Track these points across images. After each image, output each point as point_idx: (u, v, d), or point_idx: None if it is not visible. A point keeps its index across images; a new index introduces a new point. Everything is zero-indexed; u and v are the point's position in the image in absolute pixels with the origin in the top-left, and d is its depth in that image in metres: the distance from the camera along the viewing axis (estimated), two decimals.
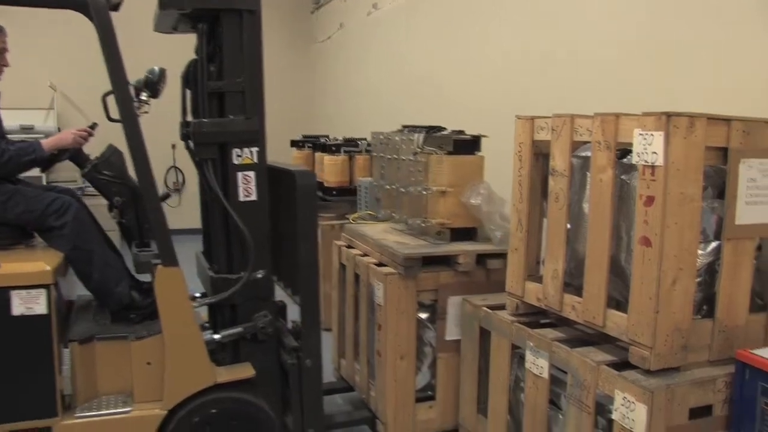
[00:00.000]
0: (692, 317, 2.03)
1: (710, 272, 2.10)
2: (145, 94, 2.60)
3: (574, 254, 2.37)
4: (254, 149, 2.65)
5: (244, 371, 2.67)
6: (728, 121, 1.99)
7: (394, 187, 3.57)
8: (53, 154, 2.82)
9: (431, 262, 3.06)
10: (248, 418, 2.64)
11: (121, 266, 2.87)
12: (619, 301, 2.19)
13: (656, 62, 2.94)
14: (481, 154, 3.28)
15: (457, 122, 3.54)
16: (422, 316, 3.14)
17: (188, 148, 2.76)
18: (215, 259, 2.77)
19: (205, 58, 2.63)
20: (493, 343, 2.70)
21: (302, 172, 2.71)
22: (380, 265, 3.16)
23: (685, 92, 2.79)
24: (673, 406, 1.92)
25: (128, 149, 2.53)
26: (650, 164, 1.92)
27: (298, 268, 2.70)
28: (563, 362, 2.26)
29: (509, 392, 2.64)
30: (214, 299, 2.68)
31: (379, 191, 3.85)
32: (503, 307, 2.72)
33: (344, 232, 3.80)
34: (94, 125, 2.92)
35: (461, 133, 3.33)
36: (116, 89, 2.48)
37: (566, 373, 2.25)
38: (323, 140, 5.67)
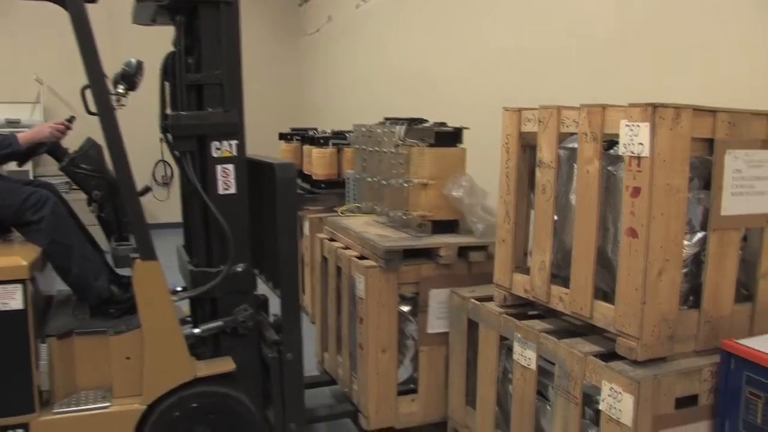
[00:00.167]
0: (678, 308, 2.06)
1: (696, 263, 2.14)
2: (122, 86, 2.58)
3: (561, 246, 2.39)
4: (233, 142, 2.66)
5: (224, 365, 2.69)
6: (714, 112, 2.02)
7: (375, 179, 3.60)
8: (30, 147, 2.81)
9: (413, 254, 3.09)
10: (229, 412, 2.66)
11: (100, 260, 2.87)
12: (606, 292, 2.22)
13: (648, 56, 2.95)
14: (463, 146, 3.30)
15: (448, 115, 3.55)
16: (404, 309, 3.17)
17: (167, 141, 2.75)
18: (195, 252, 2.78)
19: (183, 50, 2.63)
20: (481, 334, 2.73)
21: (282, 164, 2.71)
22: (362, 258, 3.19)
23: (674, 85, 2.81)
24: (659, 396, 1.96)
25: (105, 142, 2.52)
26: (636, 155, 1.95)
27: (279, 261, 2.70)
28: (551, 353, 2.28)
29: (497, 384, 2.68)
30: (193, 293, 2.69)
31: (361, 184, 3.85)
32: (491, 298, 2.74)
33: (326, 225, 3.81)
34: (71, 119, 2.91)
35: (443, 125, 3.35)
36: (92, 82, 2.48)
37: (554, 364, 2.28)
38: (311, 133, 5.68)
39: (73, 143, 2.92)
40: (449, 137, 3.27)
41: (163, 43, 2.89)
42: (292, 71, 9.18)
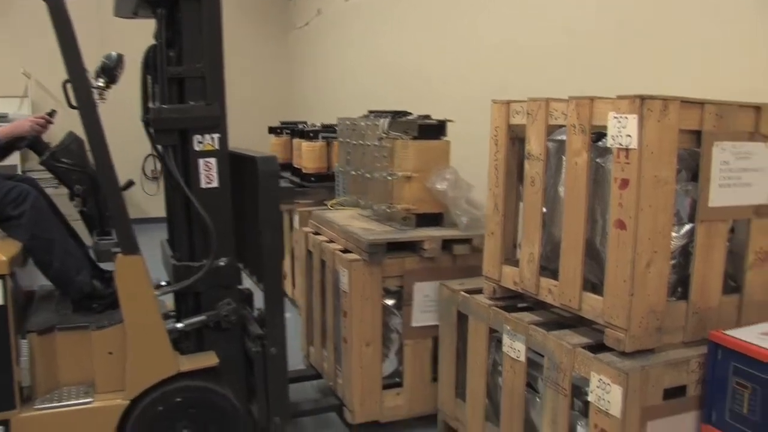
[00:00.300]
0: (667, 299, 2.09)
1: (684, 254, 2.16)
2: (102, 80, 2.57)
3: (550, 238, 2.41)
4: (215, 135, 2.65)
5: (207, 360, 2.70)
6: (701, 104, 2.05)
7: (359, 172, 3.61)
8: (10, 142, 2.79)
9: (397, 248, 3.12)
10: (212, 406, 2.66)
11: (82, 255, 2.86)
12: (594, 284, 2.24)
13: (643, 53, 2.96)
14: (447, 138, 3.31)
15: (439, 109, 3.54)
16: (388, 302, 3.20)
17: (149, 134, 2.74)
18: (178, 246, 2.78)
19: (164, 43, 2.62)
20: (470, 327, 2.75)
21: (264, 157, 2.71)
22: (345, 251, 3.20)
23: (670, 81, 2.81)
24: (647, 387, 1.99)
25: (86, 136, 2.50)
26: (624, 147, 1.96)
27: (262, 255, 2.70)
28: (540, 345, 2.31)
29: (487, 376, 2.70)
30: (176, 287, 2.70)
31: (345, 177, 3.85)
32: (481, 291, 2.76)
33: (311, 218, 3.81)
34: (52, 112, 2.90)
35: (427, 118, 3.36)
36: (71, 75, 2.46)
37: (543, 356, 2.30)
38: (301, 126, 5.66)
39: (57, 137, 2.89)
40: (433, 130, 3.29)
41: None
42: (281, 65, 9.17)
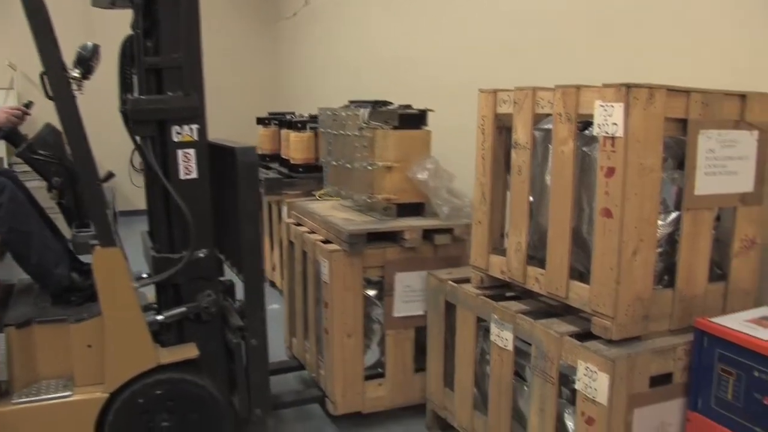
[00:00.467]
0: (653, 287, 2.12)
1: (670, 243, 2.19)
2: (78, 71, 2.55)
3: (537, 227, 2.43)
4: (194, 126, 2.65)
5: (187, 351, 2.70)
6: (687, 92, 2.07)
7: (340, 163, 3.62)
8: None
9: (378, 238, 3.13)
10: (193, 398, 2.67)
11: (60, 248, 2.86)
12: (581, 272, 2.27)
13: (634, 41, 2.96)
14: (428, 128, 3.33)
15: (430, 99, 3.53)
16: (370, 293, 3.22)
17: (126, 125, 2.73)
18: (157, 238, 2.78)
19: (141, 33, 2.60)
20: (458, 316, 2.77)
21: (243, 148, 2.71)
22: (326, 242, 3.22)
23: (650, 65, 2.82)
24: (634, 374, 2.01)
25: (62, 128, 2.49)
26: (611, 135, 1.98)
27: (241, 246, 2.71)
28: (527, 334, 2.33)
29: (475, 365, 2.72)
30: (155, 279, 2.70)
31: (327, 167, 3.86)
32: (468, 280, 2.78)
33: (293, 209, 3.82)
34: (29, 104, 2.88)
35: (408, 107, 3.38)
36: (45, 64, 2.44)
37: (531, 344, 2.32)
38: (289, 117, 5.64)
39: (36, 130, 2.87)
40: (414, 119, 3.30)
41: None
42: (269, 55, 9.15)
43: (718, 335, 1.97)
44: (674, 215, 2.17)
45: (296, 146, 5.17)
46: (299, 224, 3.67)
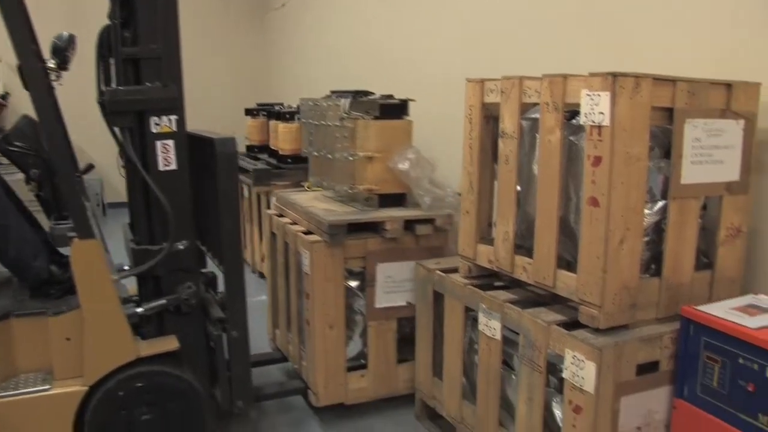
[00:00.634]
0: (640, 276, 2.14)
1: (657, 231, 2.21)
2: (53, 61, 2.52)
3: (524, 216, 2.44)
4: (173, 117, 2.64)
5: (168, 344, 2.70)
6: (674, 81, 2.08)
7: (322, 153, 3.63)
8: None
9: (359, 229, 3.14)
10: (174, 391, 2.67)
11: (38, 240, 2.84)
12: (569, 261, 2.29)
13: (624, 31, 2.96)
14: (409, 118, 3.33)
15: (419, 89, 3.53)
16: (352, 284, 3.23)
17: (104, 116, 2.71)
18: (137, 230, 2.77)
19: (119, 23, 2.58)
20: (446, 306, 2.78)
21: (222, 139, 2.70)
22: (308, 233, 3.23)
23: (638, 54, 2.82)
24: (621, 363, 2.03)
25: (38, 119, 2.47)
26: (597, 124, 1.99)
27: (221, 237, 2.71)
28: (515, 323, 2.34)
29: (463, 354, 2.73)
30: (134, 271, 2.70)
31: (309, 158, 3.85)
32: (456, 270, 2.78)
33: (275, 200, 3.82)
34: (5, 95, 2.83)
35: (389, 97, 3.38)
36: (18, 54, 2.42)
37: (518, 334, 2.34)
38: (278, 108, 5.63)
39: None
40: (395, 109, 3.31)
41: None
42: (258, 46, 9.14)
43: (704, 323, 2.00)
44: (661, 204, 2.19)
45: (284, 137, 5.17)
46: (281, 215, 3.67)
